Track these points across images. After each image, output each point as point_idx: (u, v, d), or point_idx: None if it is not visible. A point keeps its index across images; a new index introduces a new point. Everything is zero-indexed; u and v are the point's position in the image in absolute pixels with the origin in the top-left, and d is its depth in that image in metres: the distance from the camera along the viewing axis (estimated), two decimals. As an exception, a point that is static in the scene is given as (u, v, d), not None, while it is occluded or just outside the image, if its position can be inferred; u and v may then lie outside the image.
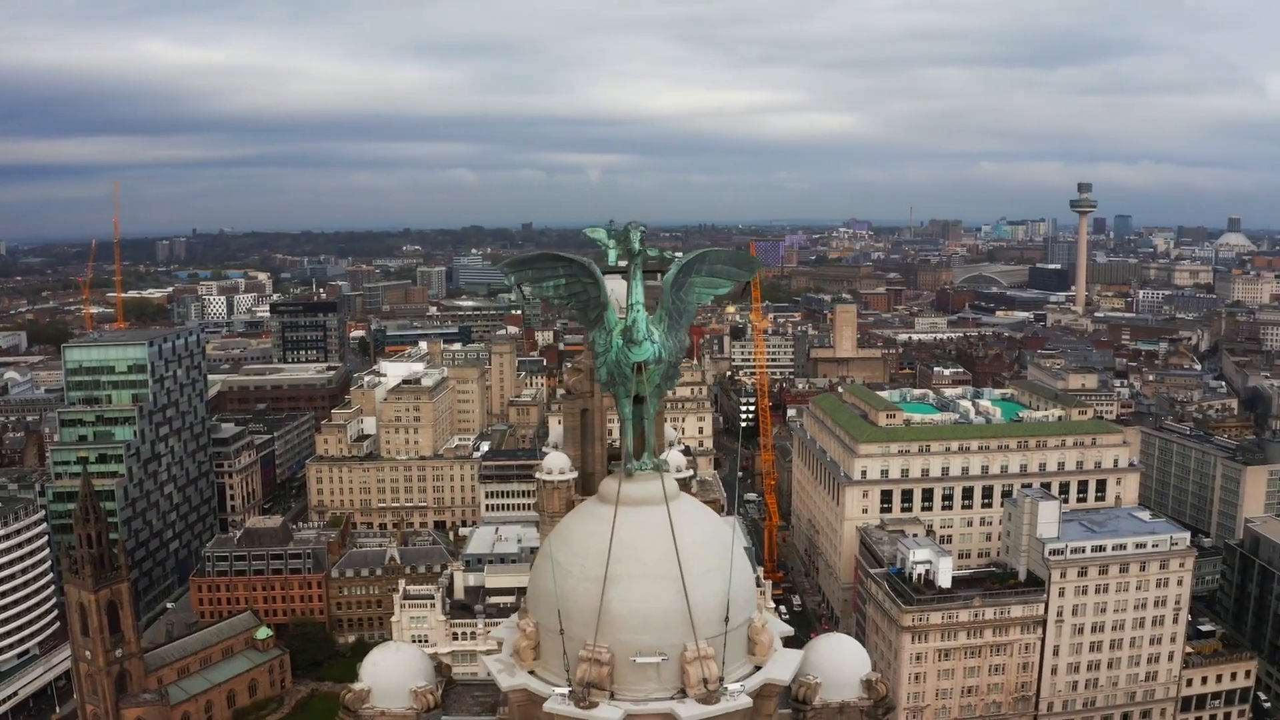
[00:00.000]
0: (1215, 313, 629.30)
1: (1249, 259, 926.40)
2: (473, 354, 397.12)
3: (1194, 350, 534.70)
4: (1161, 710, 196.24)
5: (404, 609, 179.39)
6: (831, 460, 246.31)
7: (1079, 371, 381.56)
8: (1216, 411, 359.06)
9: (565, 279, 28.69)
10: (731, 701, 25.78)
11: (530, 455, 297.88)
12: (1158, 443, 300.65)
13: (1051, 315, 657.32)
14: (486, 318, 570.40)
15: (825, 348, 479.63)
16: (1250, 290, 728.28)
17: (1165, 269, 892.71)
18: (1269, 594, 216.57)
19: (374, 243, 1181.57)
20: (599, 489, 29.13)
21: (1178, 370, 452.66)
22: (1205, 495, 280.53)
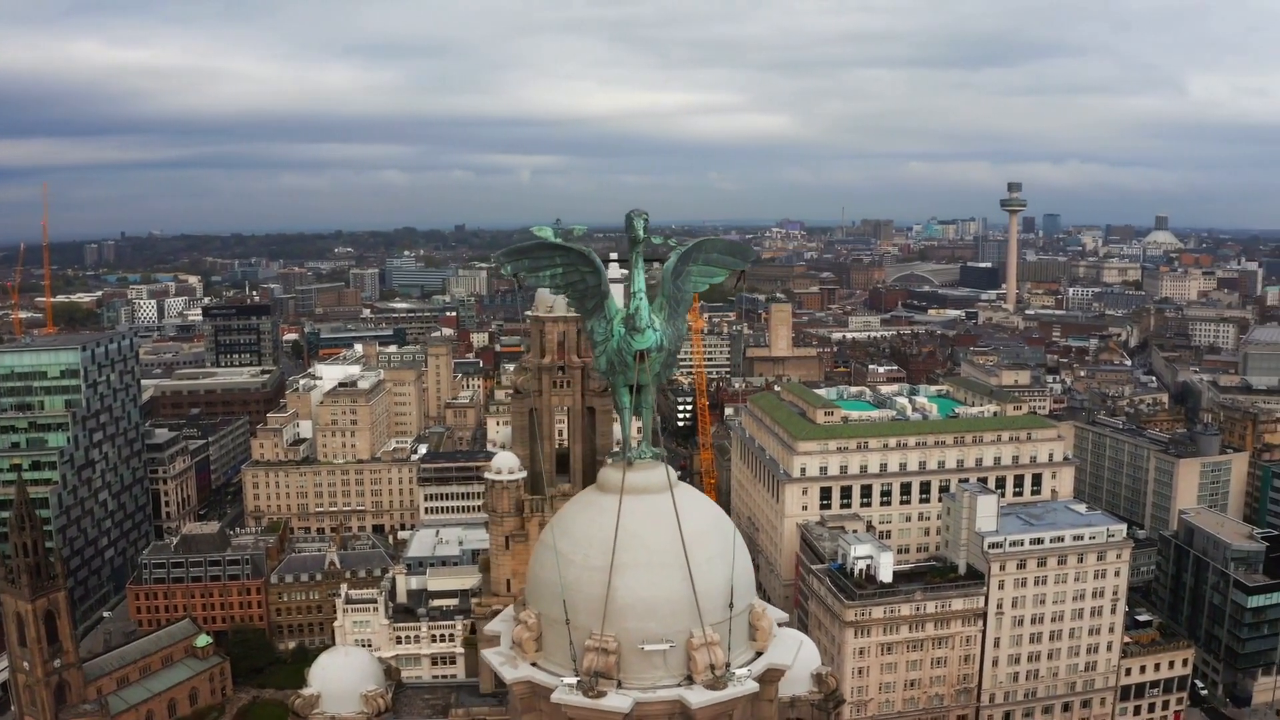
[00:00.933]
0: (1144, 309, 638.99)
1: (1176, 256, 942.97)
2: (409, 356, 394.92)
3: (1124, 346, 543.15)
4: (1101, 700, 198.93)
5: (346, 613, 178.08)
6: (771, 458, 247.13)
7: (1012, 368, 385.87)
8: (1147, 406, 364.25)
9: (562, 268, 28.60)
10: (739, 687, 25.83)
11: (469, 457, 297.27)
12: (1091, 437, 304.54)
13: (983, 313, 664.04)
14: (421, 319, 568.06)
15: (761, 347, 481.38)
16: (1178, 287, 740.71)
17: (1094, 267, 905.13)
18: (1204, 583, 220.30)
19: (305, 245, 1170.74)
20: (598, 478, 28.96)
21: (1108, 366, 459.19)
22: (1139, 488, 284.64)
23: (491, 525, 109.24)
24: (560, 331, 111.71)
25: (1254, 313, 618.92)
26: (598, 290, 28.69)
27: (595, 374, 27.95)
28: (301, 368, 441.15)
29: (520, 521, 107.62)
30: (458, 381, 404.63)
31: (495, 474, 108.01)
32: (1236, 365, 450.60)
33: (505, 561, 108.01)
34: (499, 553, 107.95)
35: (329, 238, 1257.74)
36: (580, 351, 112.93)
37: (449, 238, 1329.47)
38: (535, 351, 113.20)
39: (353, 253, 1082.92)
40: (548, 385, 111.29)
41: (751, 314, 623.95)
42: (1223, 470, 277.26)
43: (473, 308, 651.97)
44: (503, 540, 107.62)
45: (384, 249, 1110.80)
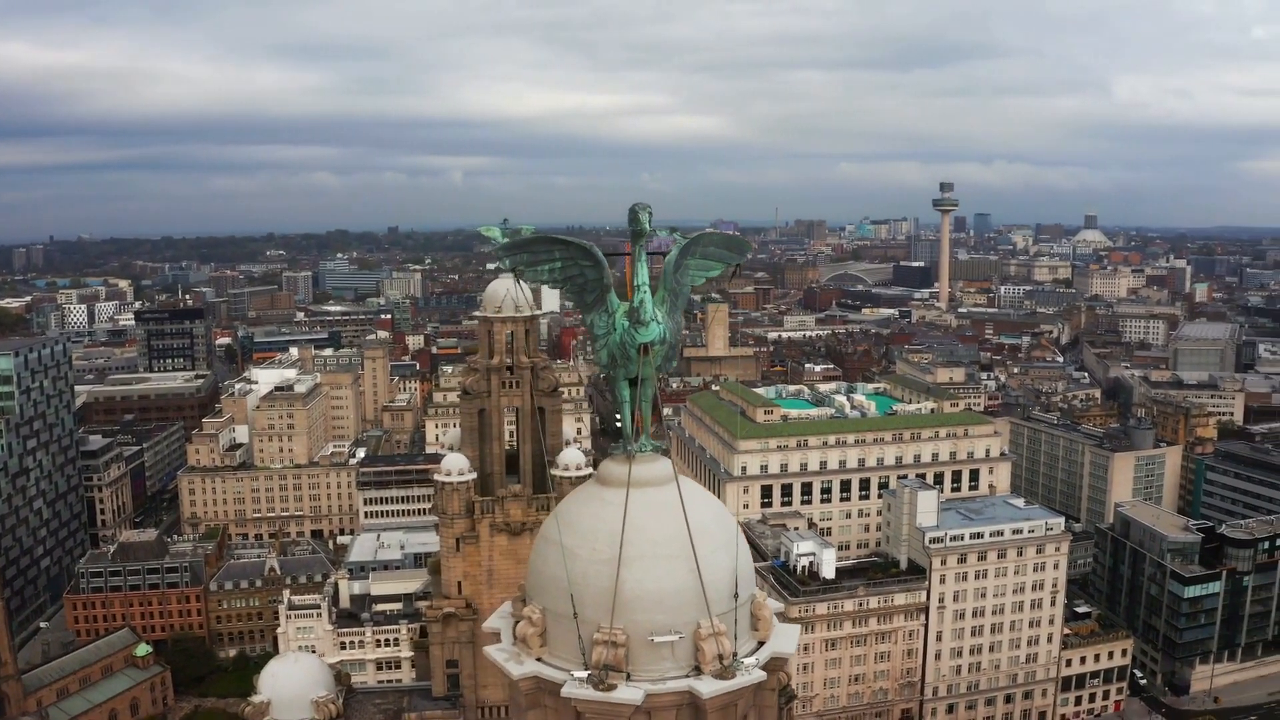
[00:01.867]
0: (1075, 307, 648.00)
1: (1106, 254, 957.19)
2: (345, 359, 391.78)
3: (1056, 343, 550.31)
4: (1043, 691, 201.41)
5: (290, 619, 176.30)
6: (711, 457, 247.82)
7: (946, 365, 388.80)
8: (1081, 401, 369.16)
9: (561, 262, 28.55)
10: (748, 676, 25.92)
11: (408, 460, 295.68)
12: (1026, 432, 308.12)
13: (916, 311, 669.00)
14: (356, 322, 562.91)
15: (698, 347, 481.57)
16: (1108, 285, 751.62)
17: (1025, 265, 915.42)
18: (1140, 575, 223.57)
19: (237, 248, 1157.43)
20: (599, 472, 28.96)
21: (1041, 363, 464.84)
22: (1074, 482, 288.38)
23: (442, 527, 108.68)
24: (509, 332, 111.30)
25: (1183, 309, 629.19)
26: (598, 284, 28.72)
27: (596, 365, 27.65)
28: (235, 372, 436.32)
29: (471, 523, 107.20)
30: (395, 384, 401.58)
31: (445, 476, 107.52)
32: (1167, 361, 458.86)
33: (456, 563, 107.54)
34: (450, 554, 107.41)
35: (261, 240, 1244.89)
36: (529, 351, 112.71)
37: (382, 240, 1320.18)
38: (484, 352, 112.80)
39: (285, 255, 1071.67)
40: (496, 386, 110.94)
41: (688, 314, 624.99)
42: (1157, 464, 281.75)
43: (408, 310, 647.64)
44: (453, 542, 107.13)
45: (317, 251, 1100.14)
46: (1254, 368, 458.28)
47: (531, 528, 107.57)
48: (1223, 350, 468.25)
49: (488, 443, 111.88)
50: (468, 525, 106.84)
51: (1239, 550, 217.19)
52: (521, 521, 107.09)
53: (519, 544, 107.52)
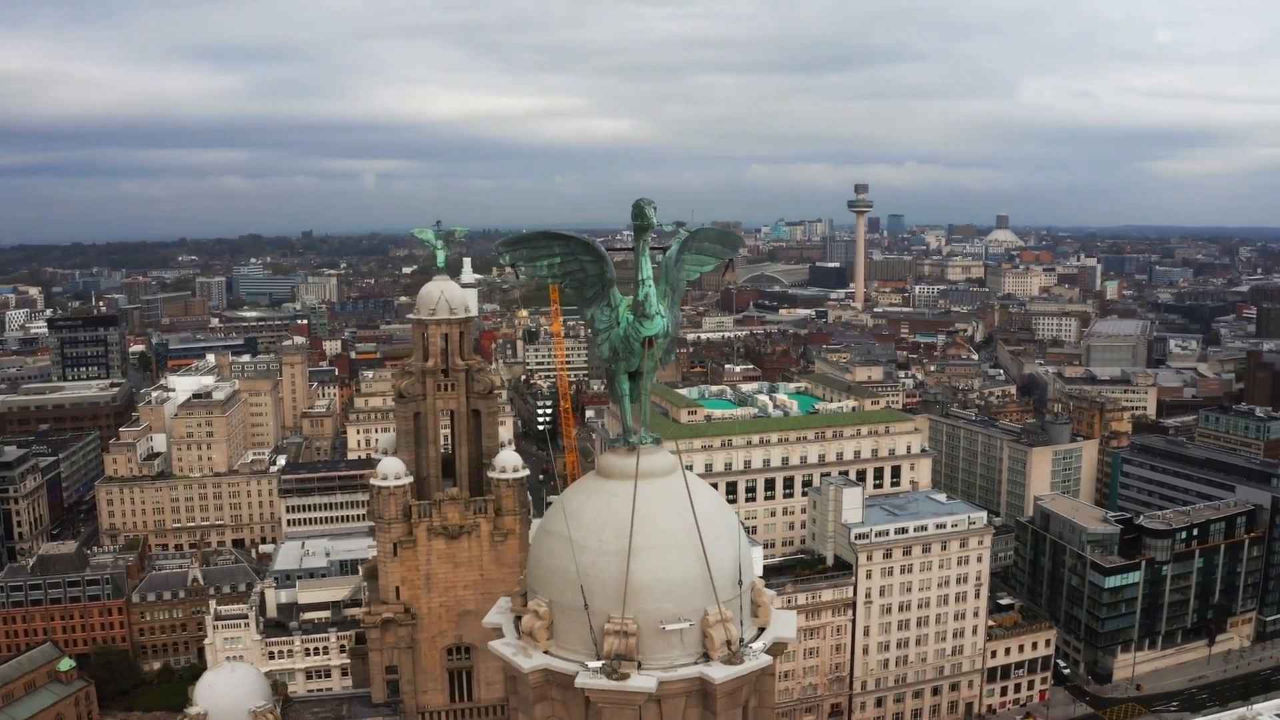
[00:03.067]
0: (988, 305, 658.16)
1: (1018, 254, 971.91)
2: (263, 366, 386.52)
3: (970, 341, 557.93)
4: (969, 682, 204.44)
5: (217, 630, 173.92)
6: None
7: (865, 364, 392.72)
8: (997, 398, 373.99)
9: (561, 257, 28.73)
10: (755, 661, 26.28)
11: (330, 467, 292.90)
12: (945, 429, 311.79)
13: (833, 312, 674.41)
14: (272, 328, 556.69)
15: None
16: (1020, 283, 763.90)
17: (939, 265, 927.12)
18: (1061, 566, 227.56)
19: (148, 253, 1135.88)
20: (600, 465, 29.27)
21: (956, 360, 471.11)
22: (993, 476, 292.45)
23: (378, 532, 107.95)
24: (443, 334, 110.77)
25: (1094, 307, 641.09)
26: (599, 279, 28.93)
27: (600, 360, 28.02)
28: (150, 380, 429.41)
29: (408, 527, 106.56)
30: (313, 390, 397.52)
31: (381, 480, 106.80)
32: (1080, 357, 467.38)
33: (394, 568, 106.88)
34: (387, 559, 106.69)
35: (173, 246, 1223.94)
36: (464, 354, 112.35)
37: (296, 244, 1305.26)
38: (418, 355, 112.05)
39: (198, 261, 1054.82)
40: (432, 388, 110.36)
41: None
42: (1074, 457, 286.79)
43: (324, 315, 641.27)
44: (390, 547, 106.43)
45: (230, 257, 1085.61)
46: (1165, 363, 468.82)
47: (470, 530, 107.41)
48: (1134, 346, 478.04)
49: (423, 446, 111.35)
50: (405, 529, 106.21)
51: (1157, 540, 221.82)
52: (459, 525, 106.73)
53: (457, 547, 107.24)
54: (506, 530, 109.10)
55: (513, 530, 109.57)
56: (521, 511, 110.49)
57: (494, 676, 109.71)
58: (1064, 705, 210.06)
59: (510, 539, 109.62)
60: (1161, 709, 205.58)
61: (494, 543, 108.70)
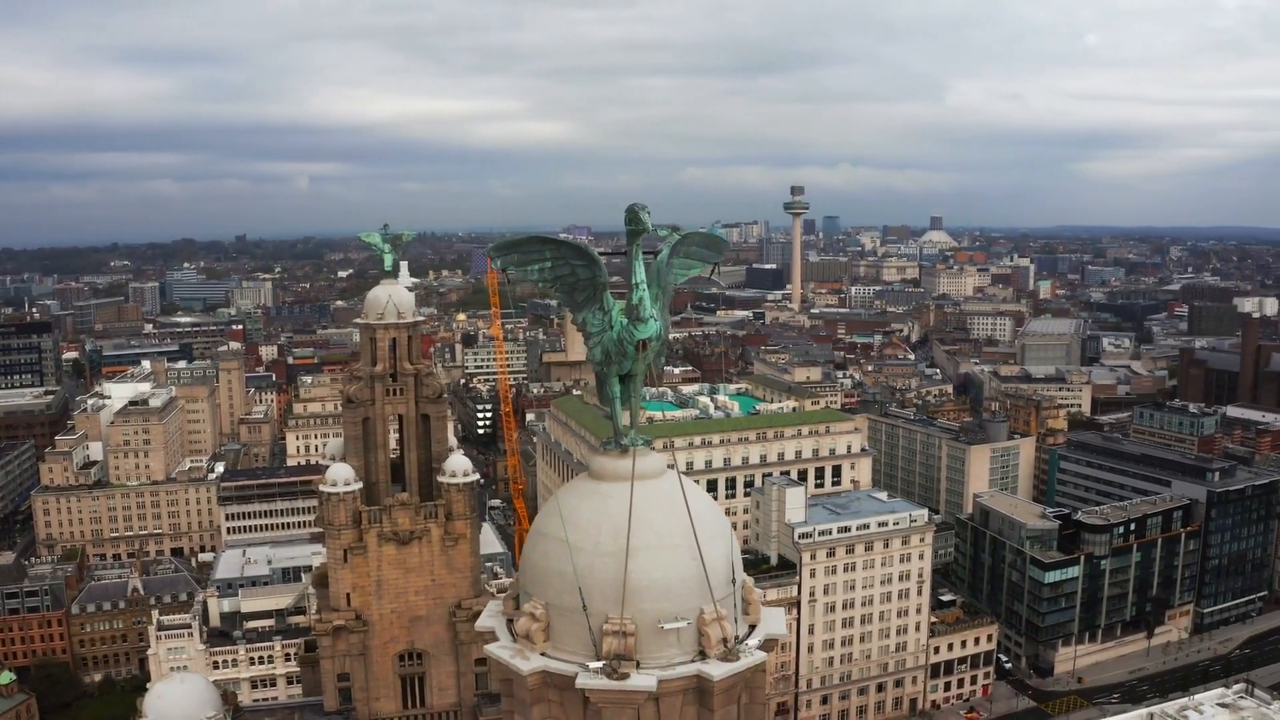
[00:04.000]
0: (923, 305, 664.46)
1: (952, 255, 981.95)
2: (199, 372, 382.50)
3: (907, 341, 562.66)
4: (913, 678, 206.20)
5: (160, 640, 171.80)
6: (578, 461, 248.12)
7: (803, 365, 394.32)
8: (934, 397, 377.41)
9: (551, 261, 28.86)
10: (751, 657, 26.63)
11: (270, 474, 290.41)
12: (884, 428, 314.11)
13: (770, 313, 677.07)
14: (207, 334, 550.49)
15: (558, 351, 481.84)
16: (954, 284, 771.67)
17: (874, 266, 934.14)
18: (1001, 562, 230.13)
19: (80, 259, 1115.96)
20: (593, 468, 29.39)
21: (893, 360, 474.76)
22: (932, 475, 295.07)
23: (328, 539, 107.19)
24: (391, 338, 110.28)
25: (1028, 306, 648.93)
26: (591, 283, 29.11)
27: (592, 363, 27.60)
28: (84, 387, 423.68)
29: (358, 533, 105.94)
30: (251, 396, 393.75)
31: (330, 486, 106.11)
32: (1015, 356, 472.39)
33: (344, 575, 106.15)
34: (337, 566, 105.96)
35: (105, 251, 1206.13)
36: (412, 358, 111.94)
37: (230, 248, 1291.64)
38: (366, 359, 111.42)
39: (130, 266, 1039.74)
40: (380, 393, 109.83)
41: (544, 319, 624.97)
42: (1011, 455, 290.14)
43: (260, 320, 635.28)
44: (341, 553, 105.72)
45: (163, 261, 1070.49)
46: (1099, 361, 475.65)
47: (420, 536, 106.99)
48: (1068, 345, 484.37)
49: (372, 451, 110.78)
50: (355, 536, 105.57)
51: (1095, 535, 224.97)
52: (410, 530, 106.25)
53: (407, 553, 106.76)
54: (457, 535, 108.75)
55: (463, 535, 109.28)
56: (472, 516, 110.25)
57: (446, 682, 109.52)
58: (1006, 699, 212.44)
59: (461, 543, 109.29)
60: (1103, 701, 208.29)
61: (445, 547, 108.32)
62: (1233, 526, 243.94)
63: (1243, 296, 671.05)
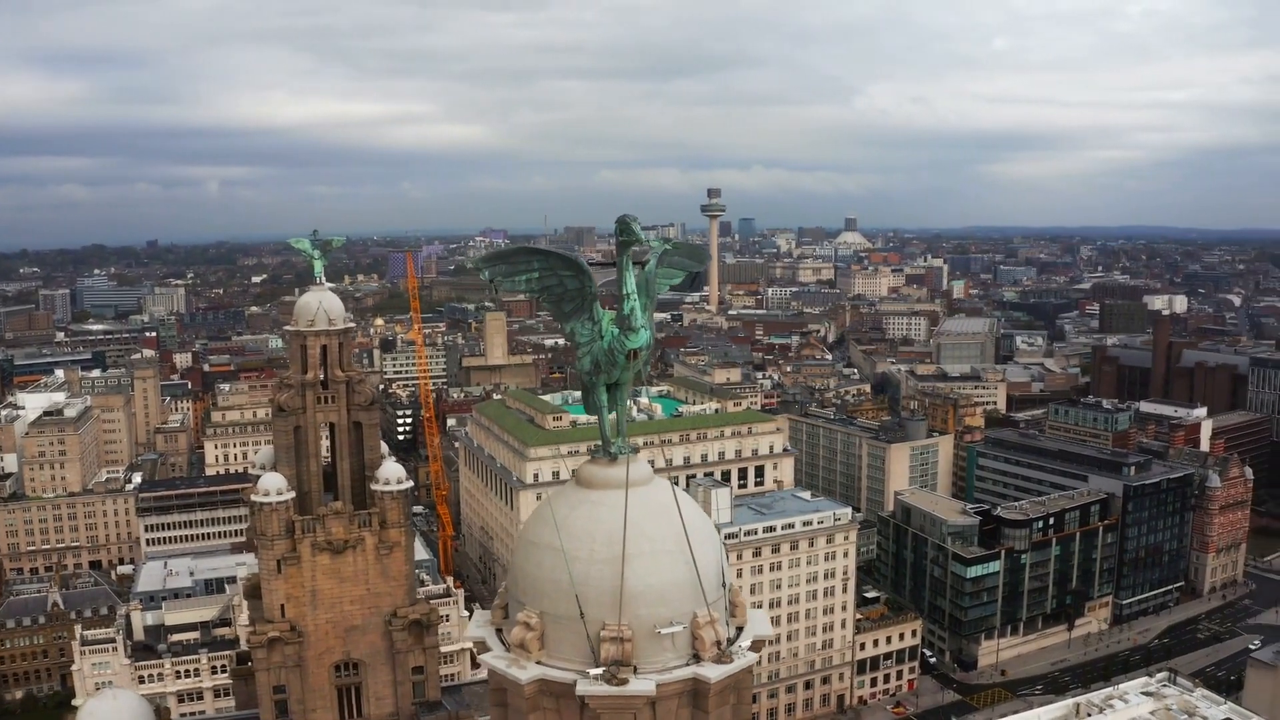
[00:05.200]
0: (839, 306, 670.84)
1: (866, 255, 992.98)
2: (114, 381, 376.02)
3: (824, 341, 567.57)
4: (840, 675, 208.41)
5: (84, 656, 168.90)
6: (502, 466, 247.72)
7: (723, 366, 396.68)
8: (853, 396, 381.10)
9: (539, 272, 29.06)
10: (745, 659, 27.11)
11: (190, 484, 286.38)
12: (805, 428, 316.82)
13: (688, 315, 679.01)
14: (120, 341, 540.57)
15: (477, 356, 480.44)
16: (870, 284, 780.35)
17: (790, 267, 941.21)
18: (923, 558, 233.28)
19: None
20: (581, 476, 29.62)
21: (811, 360, 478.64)
22: (853, 473, 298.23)
23: (261, 549, 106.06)
24: (322, 345, 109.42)
25: (942, 306, 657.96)
26: (579, 293, 29.35)
27: (580, 372, 27.69)
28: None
29: (291, 543, 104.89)
30: (166, 405, 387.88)
31: (263, 496, 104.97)
32: (931, 355, 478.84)
33: (278, 586, 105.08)
34: (271, 577, 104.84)
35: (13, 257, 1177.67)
36: (344, 365, 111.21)
37: (141, 254, 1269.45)
38: (296, 367, 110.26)
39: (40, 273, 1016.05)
40: (311, 401, 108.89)
41: (462, 323, 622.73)
42: (930, 453, 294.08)
43: (174, 327, 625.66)
44: (274, 564, 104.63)
45: (73, 268, 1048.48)
46: (1013, 359, 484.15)
47: (354, 545, 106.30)
48: (983, 344, 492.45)
49: (304, 460, 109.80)
50: (288, 546, 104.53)
51: (1015, 530, 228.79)
52: (344, 539, 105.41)
53: (342, 562, 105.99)
54: (392, 543, 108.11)
55: (398, 543, 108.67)
56: (406, 524, 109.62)
57: (383, 691, 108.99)
58: (932, 693, 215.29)
59: (396, 551, 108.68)
60: (1026, 693, 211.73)
61: (379, 556, 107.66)
62: (1149, 519, 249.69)
63: (1152, 294, 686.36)
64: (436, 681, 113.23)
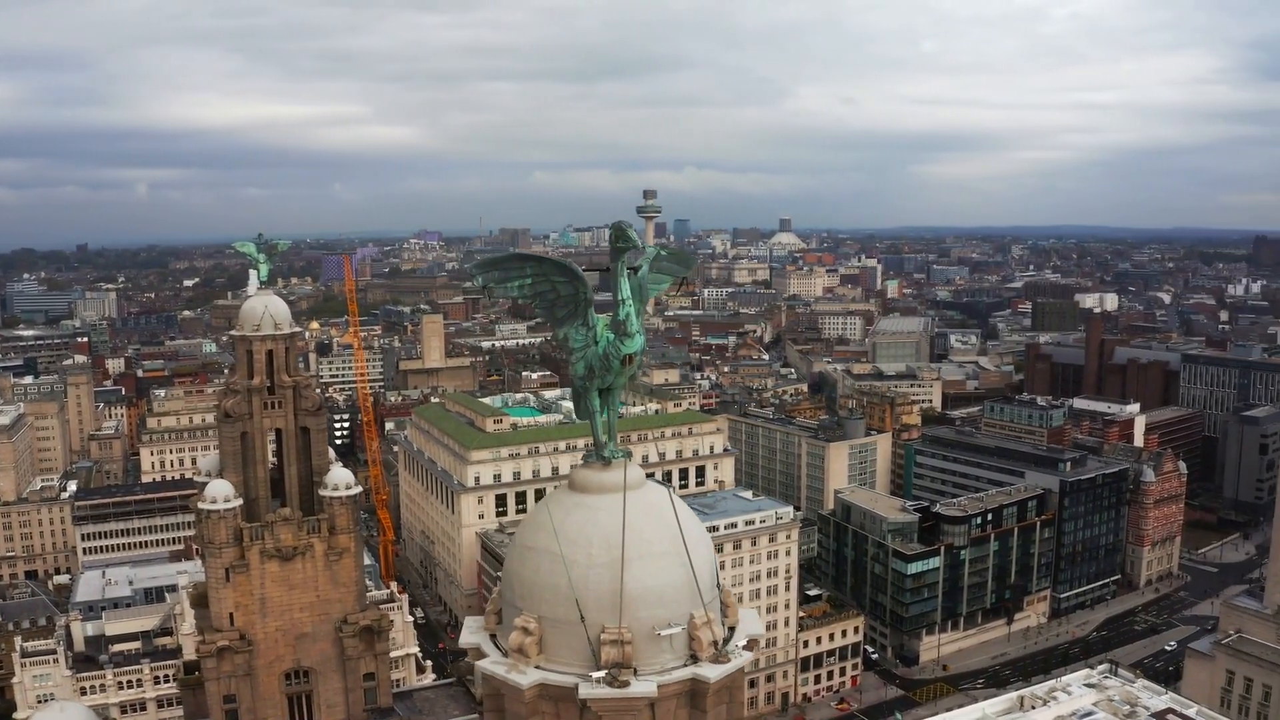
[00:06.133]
0: (775, 306, 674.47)
1: (801, 256, 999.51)
2: (47, 387, 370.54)
3: (760, 342, 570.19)
4: (784, 672, 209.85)
5: (25, 668, 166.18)
6: (443, 470, 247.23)
7: (661, 367, 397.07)
8: (790, 396, 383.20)
9: (532, 278, 29.21)
10: (741, 657, 27.57)
11: (126, 491, 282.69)
12: (744, 428, 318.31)
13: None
14: (51, 347, 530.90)
15: (414, 359, 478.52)
16: (805, 284, 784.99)
17: (726, 268, 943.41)
18: (864, 555, 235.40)
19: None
20: (574, 480, 29.90)
21: (748, 361, 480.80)
22: (793, 472, 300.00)
23: (209, 558, 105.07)
24: (268, 350, 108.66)
25: (877, 305, 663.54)
26: (572, 299, 29.53)
27: (574, 377, 27.63)
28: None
29: (239, 551, 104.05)
30: (100, 412, 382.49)
31: (210, 504, 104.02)
32: (866, 354, 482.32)
33: (227, 594, 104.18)
34: (219, 585, 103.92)
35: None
36: (290, 370, 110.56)
37: (71, 258, 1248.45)
38: (242, 372, 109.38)
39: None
40: (258, 407, 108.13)
41: (397, 326, 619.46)
42: (869, 451, 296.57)
43: (105, 332, 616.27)
44: (222, 573, 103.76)
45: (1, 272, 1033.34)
46: (947, 357, 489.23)
47: (304, 552, 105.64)
48: (917, 343, 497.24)
49: (251, 466, 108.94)
50: (237, 554, 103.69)
51: (954, 527, 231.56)
52: (293, 546, 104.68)
53: (291, 569, 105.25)
54: (341, 549, 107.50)
55: (347, 549, 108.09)
56: (355, 529, 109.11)
57: (334, 699, 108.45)
58: (875, 689, 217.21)
59: (345, 558, 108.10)
60: (968, 687, 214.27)
61: (329, 562, 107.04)
62: (1085, 514, 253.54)
63: (1084, 293, 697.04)
64: (388, 688, 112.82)
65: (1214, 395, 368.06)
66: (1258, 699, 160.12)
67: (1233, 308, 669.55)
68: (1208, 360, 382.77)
